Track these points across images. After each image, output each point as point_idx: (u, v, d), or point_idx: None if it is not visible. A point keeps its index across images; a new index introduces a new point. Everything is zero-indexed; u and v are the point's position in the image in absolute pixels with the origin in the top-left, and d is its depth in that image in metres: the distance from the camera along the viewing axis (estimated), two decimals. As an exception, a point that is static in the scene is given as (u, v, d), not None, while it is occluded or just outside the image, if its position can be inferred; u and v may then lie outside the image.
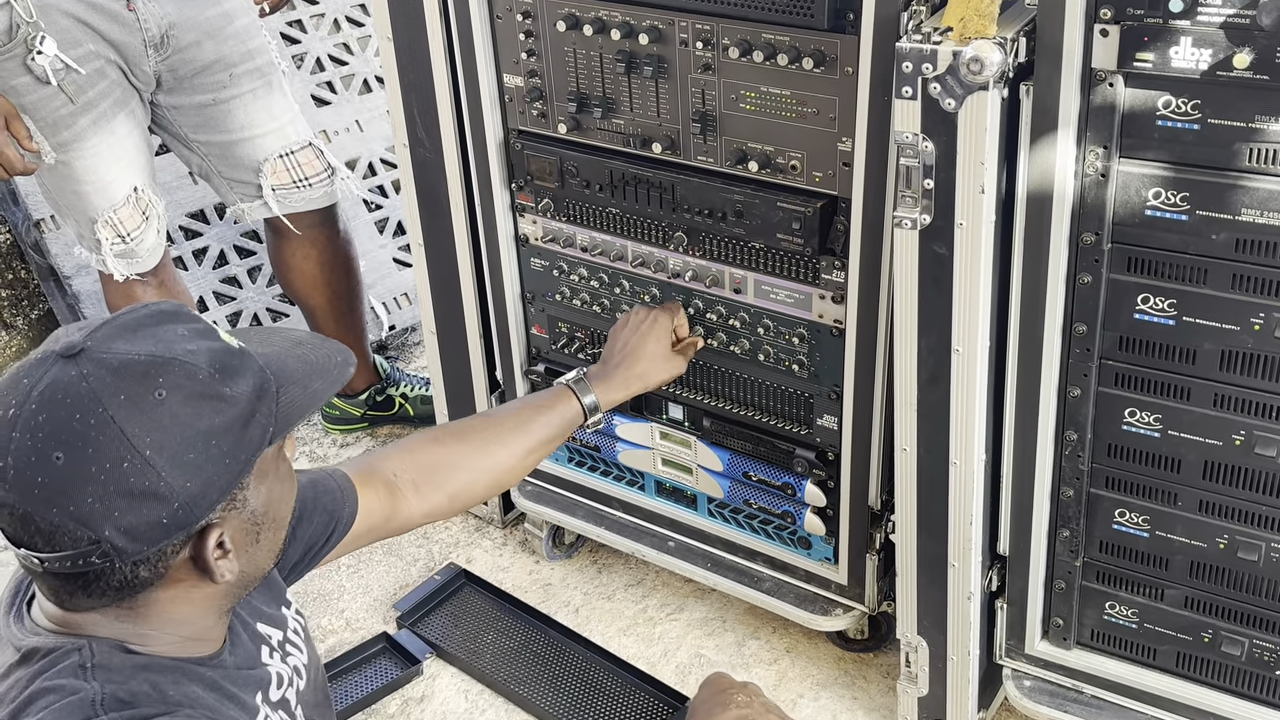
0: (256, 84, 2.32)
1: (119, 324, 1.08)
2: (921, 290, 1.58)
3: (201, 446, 1.05)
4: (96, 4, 2.14)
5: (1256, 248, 1.41)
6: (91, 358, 1.04)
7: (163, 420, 1.03)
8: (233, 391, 1.08)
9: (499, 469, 1.71)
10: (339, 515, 1.49)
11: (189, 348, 1.07)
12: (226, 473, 1.07)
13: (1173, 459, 1.58)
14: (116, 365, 1.04)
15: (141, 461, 1.02)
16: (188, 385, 1.05)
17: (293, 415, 1.14)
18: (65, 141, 2.18)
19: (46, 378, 1.04)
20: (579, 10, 1.79)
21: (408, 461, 1.62)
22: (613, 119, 1.86)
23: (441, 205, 2.13)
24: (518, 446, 1.72)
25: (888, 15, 1.50)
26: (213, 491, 1.06)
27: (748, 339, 1.91)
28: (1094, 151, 1.44)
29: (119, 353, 1.05)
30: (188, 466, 1.04)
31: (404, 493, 1.58)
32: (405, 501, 1.59)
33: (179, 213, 3.04)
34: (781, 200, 1.74)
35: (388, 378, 2.78)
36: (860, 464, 1.86)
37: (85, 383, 1.03)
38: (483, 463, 1.68)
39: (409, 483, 1.59)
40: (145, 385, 1.04)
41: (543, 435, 1.76)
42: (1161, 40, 1.35)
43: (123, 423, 1.02)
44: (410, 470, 1.60)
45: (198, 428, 1.05)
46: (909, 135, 1.48)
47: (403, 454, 1.63)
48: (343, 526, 1.50)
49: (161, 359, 1.05)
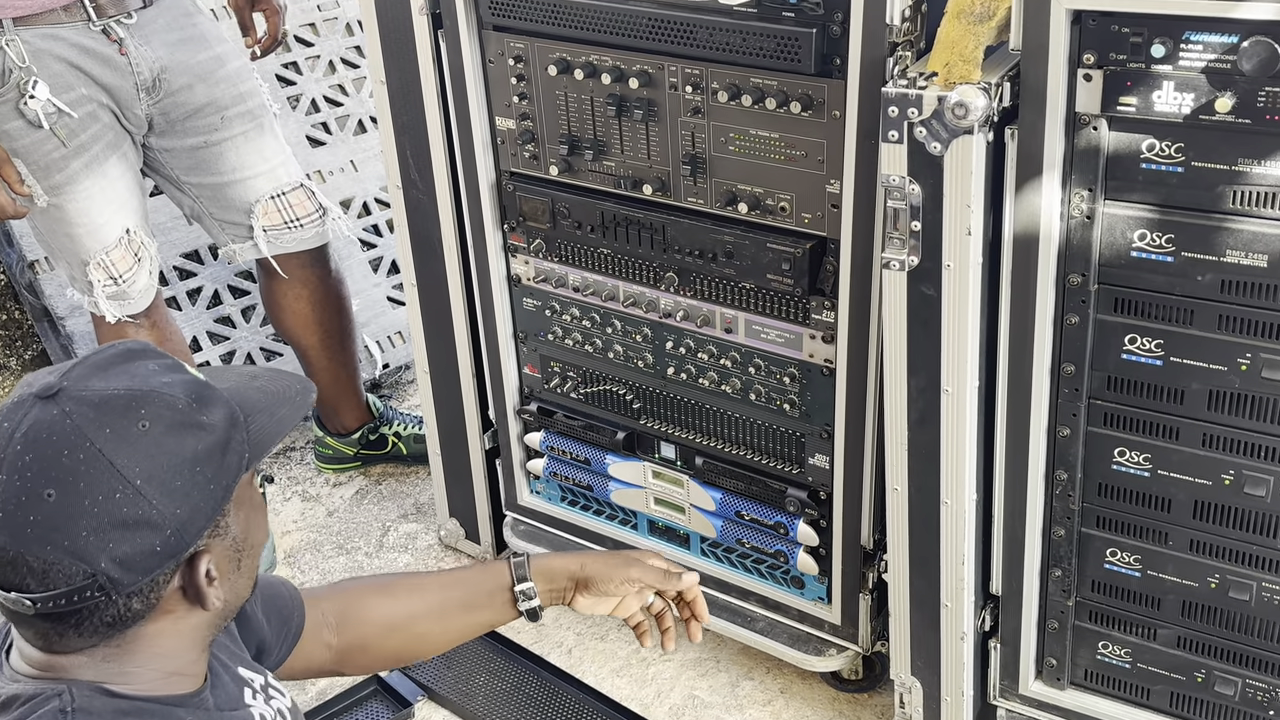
0: (248, 126, 2.34)
1: (91, 364, 1.10)
2: (910, 331, 1.59)
3: (188, 473, 1.07)
4: (89, 49, 2.16)
5: (1242, 289, 1.42)
6: (71, 396, 1.06)
7: (149, 450, 1.05)
8: (209, 419, 1.10)
9: (408, 649, 1.54)
10: (290, 622, 1.45)
11: (164, 380, 1.10)
12: (211, 498, 1.09)
13: (1163, 498, 1.58)
14: (97, 401, 1.06)
15: (133, 491, 1.04)
16: (168, 415, 1.07)
17: (264, 442, 1.16)
18: (57, 185, 2.19)
19: (27, 420, 1.05)
20: (570, 55, 1.81)
21: (335, 606, 1.52)
22: (604, 161, 1.87)
23: (434, 246, 2.14)
24: (437, 634, 1.54)
25: (873, 60, 1.52)
26: (200, 517, 1.08)
27: (739, 378, 1.91)
28: (1079, 194, 1.46)
29: (97, 389, 1.07)
30: (176, 493, 1.06)
31: (324, 635, 1.51)
32: (325, 647, 1.51)
33: (174, 253, 3.05)
34: (771, 241, 1.75)
35: (381, 416, 2.78)
36: (852, 503, 1.86)
37: (69, 420, 1.04)
38: (394, 637, 1.52)
39: (332, 625, 1.51)
40: (128, 417, 1.06)
41: (469, 630, 1.56)
42: (1144, 85, 1.37)
43: (111, 455, 1.04)
44: (334, 614, 1.51)
45: (183, 455, 1.07)
46: (896, 178, 1.50)
47: (331, 598, 1.53)
48: (292, 635, 1.45)
49: (140, 392, 1.07)
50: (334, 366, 2.62)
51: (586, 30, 1.76)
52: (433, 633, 1.53)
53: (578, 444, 2.15)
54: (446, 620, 1.53)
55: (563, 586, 1.53)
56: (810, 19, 1.56)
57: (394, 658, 1.56)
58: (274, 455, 2.83)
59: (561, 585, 1.53)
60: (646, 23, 1.70)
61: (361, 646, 1.52)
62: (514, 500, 2.30)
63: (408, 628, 1.52)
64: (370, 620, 1.52)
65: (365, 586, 1.58)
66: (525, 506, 2.30)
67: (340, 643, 1.51)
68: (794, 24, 1.58)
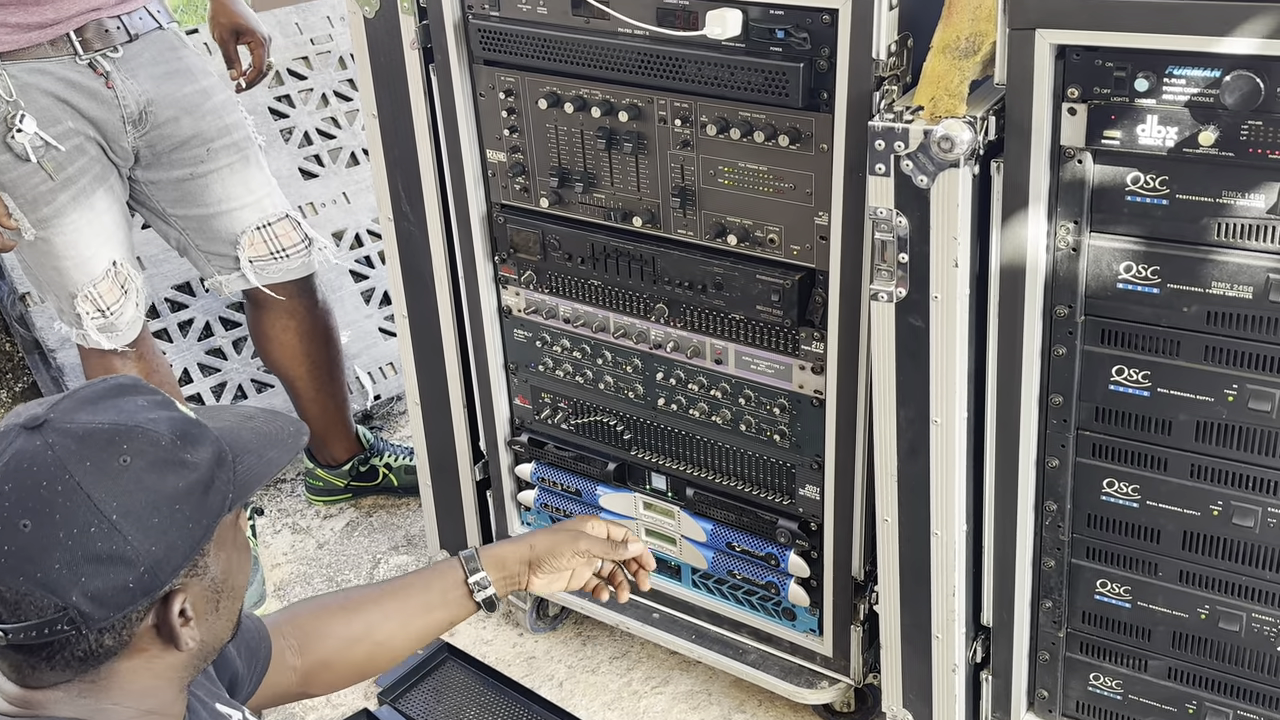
0: (234, 158, 2.35)
1: (79, 397, 1.10)
2: (899, 362, 1.60)
3: (166, 511, 1.07)
4: (76, 82, 2.17)
5: (1227, 320, 1.43)
6: (56, 428, 1.06)
7: (128, 485, 1.05)
8: (193, 458, 1.10)
9: (375, 658, 1.55)
10: (258, 653, 1.45)
11: (150, 416, 1.10)
12: (189, 537, 1.09)
13: (1152, 529, 1.59)
14: (81, 434, 1.06)
15: (109, 526, 1.04)
16: (151, 452, 1.07)
17: (250, 482, 1.16)
18: (45, 218, 2.20)
19: (11, 449, 1.06)
20: (560, 89, 1.82)
21: (296, 629, 1.53)
22: (594, 193, 1.88)
23: (425, 277, 2.14)
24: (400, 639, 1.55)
25: (860, 94, 1.53)
26: (176, 556, 1.08)
27: (729, 409, 1.92)
28: (1065, 226, 1.47)
29: (82, 423, 1.07)
30: (152, 530, 1.06)
31: (288, 659, 1.51)
32: (290, 670, 1.51)
33: (165, 285, 3.05)
34: (760, 273, 1.76)
35: (371, 447, 2.78)
36: (843, 534, 1.86)
37: (51, 451, 1.04)
38: (358, 649, 1.53)
39: (294, 649, 1.51)
40: (110, 452, 1.06)
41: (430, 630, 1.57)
42: (1128, 118, 1.38)
43: (89, 488, 1.04)
44: (296, 638, 1.52)
45: (162, 492, 1.07)
46: (883, 210, 1.51)
47: (292, 621, 1.54)
48: (261, 665, 1.45)
49: (125, 427, 1.08)
50: (323, 398, 2.61)
51: (576, 65, 1.78)
52: (394, 639, 1.54)
53: (568, 475, 2.15)
54: (408, 625, 1.55)
55: (515, 571, 1.57)
56: (798, 54, 1.58)
57: (358, 671, 1.56)
58: (264, 487, 2.82)
59: (514, 570, 1.57)
60: (636, 57, 1.71)
61: (325, 663, 1.52)
62: (505, 531, 2.30)
63: (369, 637, 1.53)
64: (332, 635, 1.52)
65: (323, 605, 1.57)
66: (516, 538, 2.29)
67: (304, 664, 1.50)
68: (782, 59, 1.59)
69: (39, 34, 2.13)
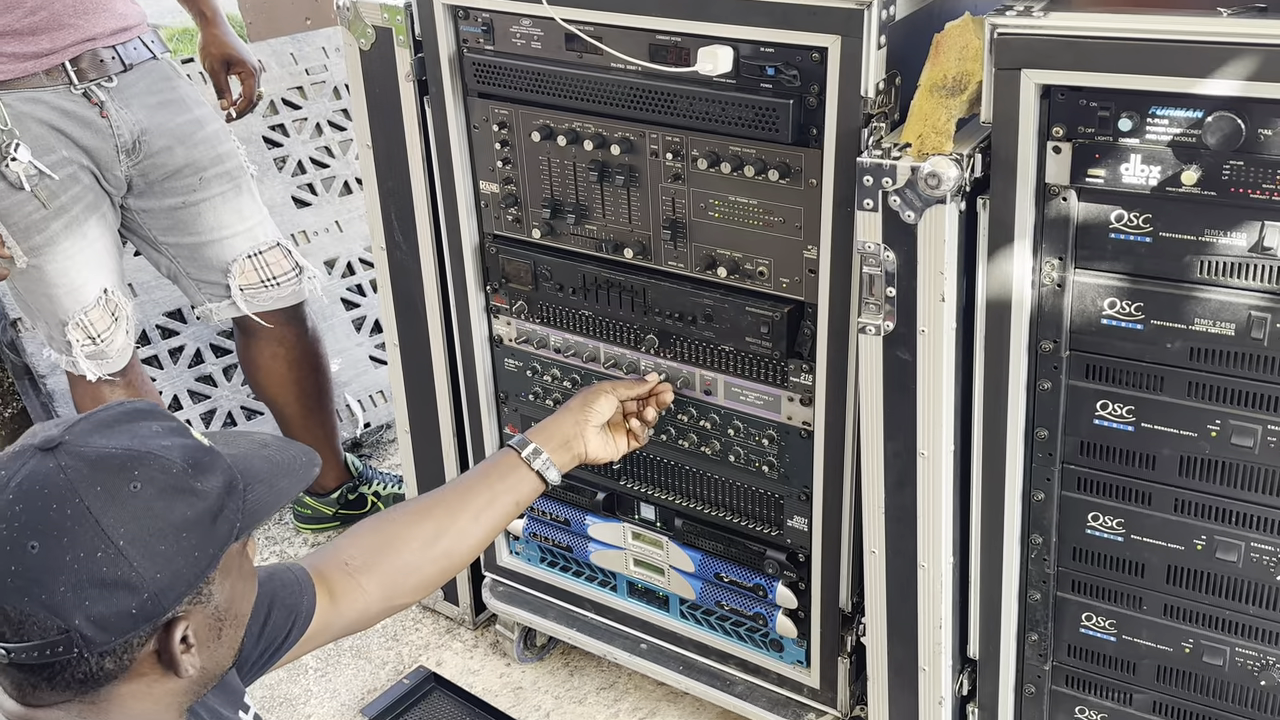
0: (225, 187, 2.36)
1: (95, 420, 1.12)
2: (886, 395, 1.61)
3: (173, 538, 1.08)
4: (70, 111, 2.19)
5: (1211, 356, 1.44)
6: (69, 451, 1.07)
7: (137, 511, 1.06)
8: (204, 486, 1.11)
9: (454, 552, 1.65)
10: (298, 610, 1.48)
11: (163, 443, 1.11)
12: (195, 565, 1.09)
13: (1136, 563, 1.60)
14: (94, 458, 1.07)
15: (115, 551, 1.05)
16: (161, 478, 1.08)
17: (259, 512, 1.17)
18: (37, 246, 2.20)
19: (24, 470, 1.07)
20: (553, 121, 1.84)
21: (359, 546, 1.59)
22: (586, 225, 1.90)
23: (417, 307, 2.15)
24: (474, 531, 1.67)
25: (849, 131, 1.55)
26: (180, 583, 1.08)
27: (718, 440, 1.93)
28: (1050, 262, 1.49)
29: (96, 446, 1.08)
30: (158, 557, 1.07)
31: (358, 579, 1.56)
32: (361, 590, 1.56)
33: (157, 312, 3.06)
34: (750, 305, 1.78)
35: (360, 475, 2.78)
36: (831, 565, 1.87)
37: (63, 474, 1.06)
38: (436, 547, 1.63)
39: (362, 568, 1.56)
40: (121, 477, 1.07)
41: (499, 516, 1.70)
42: (1112, 157, 1.40)
43: (98, 513, 1.05)
44: (362, 554, 1.57)
45: (170, 520, 1.08)
46: (871, 245, 1.53)
47: (353, 539, 1.60)
48: (302, 620, 1.48)
49: (137, 453, 1.09)
50: (311, 426, 2.62)
51: (570, 98, 1.80)
52: (468, 533, 1.65)
53: (557, 504, 2.15)
54: (479, 518, 1.66)
55: (569, 435, 1.78)
56: (787, 90, 1.60)
57: (441, 569, 1.64)
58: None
59: (568, 433, 1.78)
60: (628, 92, 1.74)
61: (407, 568, 1.58)
62: (493, 561, 2.30)
63: (445, 534, 1.63)
64: (410, 539, 1.60)
65: (387, 518, 1.64)
66: (504, 567, 2.29)
67: (382, 577, 1.55)
68: (772, 95, 1.61)
69: (34, 63, 2.15)
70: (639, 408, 1.89)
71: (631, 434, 1.88)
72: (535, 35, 1.79)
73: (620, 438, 1.87)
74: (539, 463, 1.74)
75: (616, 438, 1.86)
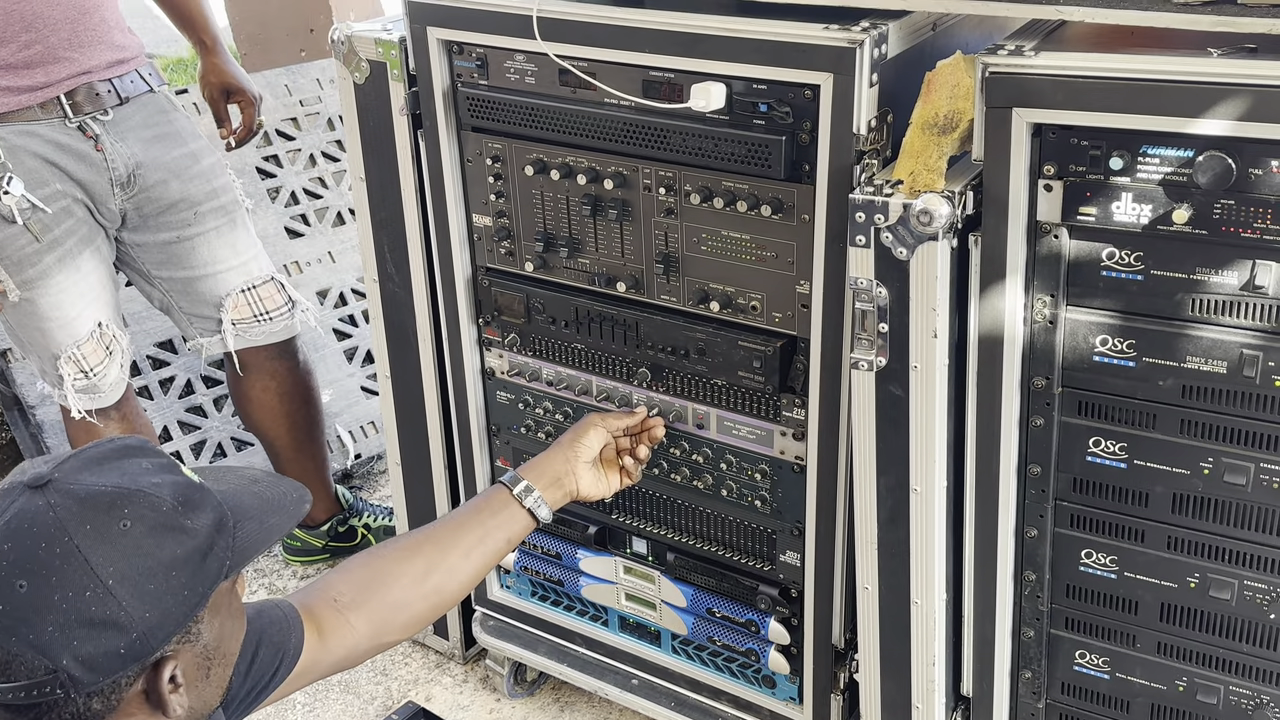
0: (220, 221, 2.36)
1: (85, 457, 1.11)
2: (879, 430, 1.61)
3: (162, 577, 1.07)
4: (65, 145, 2.18)
5: (1202, 394, 1.44)
6: (59, 489, 1.07)
7: (126, 550, 1.05)
8: (194, 524, 1.10)
9: (444, 589, 1.64)
10: (285, 647, 1.47)
11: (154, 480, 1.10)
12: (184, 604, 1.08)
13: (1130, 600, 1.59)
14: (83, 496, 1.06)
15: (104, 590, 1.04)
16: (151, 516, 1.08)
17: (249, 549, 1.16)
18: (30, 279, 2.20)
19: (13, 508, 1.06)
20: (546, 156, 1.84)
21: (348, 582, 1.58)
22: (579, 258, 1.90)
23: (409, 338, 2.15)
24: (465, 568, 1.66)
25: (841, 167, 1.56)
26: (170, 623, 1.07)
27: (711, 474, 1.92)
28: (1041, 299, 1.49)
29: (86, 484, 1.07)
30: (148, 596, 1.06)
31: (347, 616, 1.55)
32: (349, 627, 1.55)
33: (148, 342, 3.05)
34: (742, 339, 1.77)
35: (350, 508, 2.76)
36: (823, 601, 1.86)
37: (52, 512, 1.05)
38: (426, 584, 1.61)
39: (350, 604, 1.55)
40: (111, 515, 1.06)
41: (490, 554, 1.70)
42: (1103, 196, 1.41)
43: (87, 552, 1.04)
44: (351, 591, 1.56)
45: (159, 558, 1.07)
46: (863, 281, 1.53)
47: (342, 575, 1.59)
48: (290, 658, 1.47)
49: (127, 490, 1.08)
50: (302, 458, 2.61)
51: (563, 133, 1.80)
52: (459, 569, 1.64)
53: (548, 538, 2.14)
54: (469, 555, 1.66)
55: (560, 472, 1.78)
56: (780, 127, 1.61)
57: (432, 606, 1.63)
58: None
59: (558, 470, 1.78)
60: (622, 127, 1.74)
61: (398, 605, 1.57)
62: (483, 595, 2.28)
63: (435, 570, 1.63)
64: (400, 576, 1.58)
65: (378, 554, 1.63)
66: (495, 601, 2.28)
67: (371, 614, 1.54)
68: (764, 131, 1.62)
69: (29, 96, 2.15)
70: (631, 444, 1.88)
71: (624, 471, 1.87)
72: (529, 70, 1.80)
73: (613, 474, 1.86)
74: (530, 500, 1.74)
75: (609, 474, 1.85)
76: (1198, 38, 1.35)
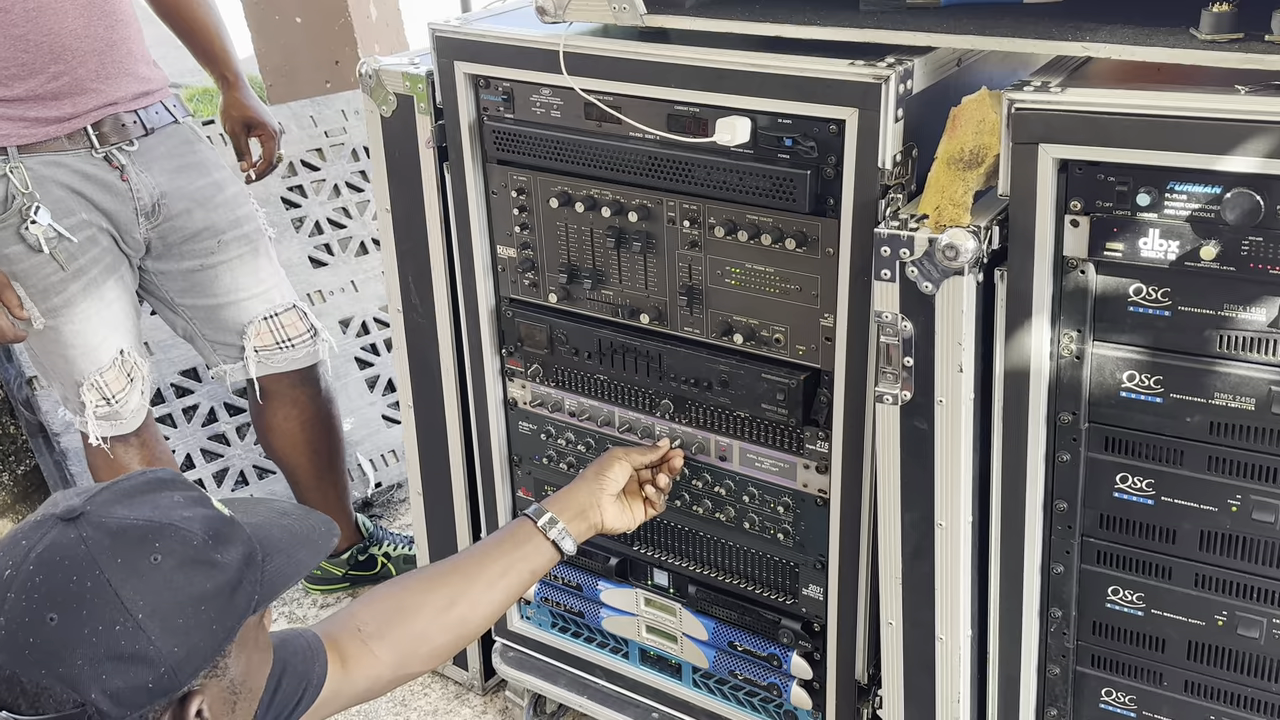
0: (244, 250, 2.38)
1: (117, 490, 1.12)
2: (903, 464, 1.60)
3: (191, 611, 1.07)
4: (91, 175, 2.21)
5: (1231, 431, 1.43)
6: (91, 521, 1.07)
7: (157, 584, 1.06)
8: (224, 558, 1.10)
9: (468, 620, 1.63)
10: (309, 677, 1.47)
11: (185, 514, 1.11)
12: (212, 639, 1.09)
13: (1157, 638, 1.58)
14: (115, 529, 1.07)
15: (134, 625, 1.04)
16: (182, 551, 1.08)
17: (278, 583, 1.16)
18: (55, 307, 2.22)
19: (45, 540, 1.07)
20: (571, 189, 1.86)
21: (372, 612, 1.58)
22: (602, 290, 1.91)
23: (432, 368, 2.16)
24: (489, 600, 1.65)
25: (866, 201, 1.56)
26: (197, 657, 1.08)
27: (733, 506, 1.92)
28: (1068, 334, 1.49)
29: (118, 517, 1.08)
30: (177, 631, 1.06)
31: (371, 646, 1.55)
32: (373, 657, 1.55)
33: (172, 370, 3.07)
34: (766, 372, 1.77)
35: (370, 536, 2.76)
36: (846, 636, 1.84)
37: (84, 545, 1.05)
38: (450, 615, 1.61)
39: (374, 634, 1.56)
40: (142, 549, 1.07)
41: (514, 586, 1.69)
42: (1130, 231, 1.40)
43: (118, 586, 1.04)
44: (375, 621, 1.57)
45: (189, 593, 1.07)
46: (889, 315, 1.53)
47: (366, 605, 1.60)
48: (313, 688, 1.47)
49: (159, 524, 1.09)
50: (323, 486, 2.61)
51: (588, 166, 1.81)
52: (482, 601, 1.64)
53: (569, 569, 2.14)
54: (493, 586, 1.65)
55: (584, 504, 1.78)
56: (805, 161, 1.61)
57: (456, 637, 1.62)
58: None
59: (582, 503, 1.78)
60: (646, 160, 1.75)
61: (421, 636, 1.57)
62: (504, 626, 2.28)
63: (460, 601, 1.62)
64: (423, 607, 1.58)
65: (403, 585, 1.63)
66: (515, 632, 2.27)
67: (395, 644, 1.54)
68: (789, 165, 1.62)
69: (56, 128, 2.18)
70: (653, 474, 1.88)
71: (648, 501, 1.88)
72: (555, 104, 1.81)
73: (637, 506, 1.86)
74: (554, 532, 1.74)
75: (633, 506, 1.86)
76: (1225, 74, 1.35)
